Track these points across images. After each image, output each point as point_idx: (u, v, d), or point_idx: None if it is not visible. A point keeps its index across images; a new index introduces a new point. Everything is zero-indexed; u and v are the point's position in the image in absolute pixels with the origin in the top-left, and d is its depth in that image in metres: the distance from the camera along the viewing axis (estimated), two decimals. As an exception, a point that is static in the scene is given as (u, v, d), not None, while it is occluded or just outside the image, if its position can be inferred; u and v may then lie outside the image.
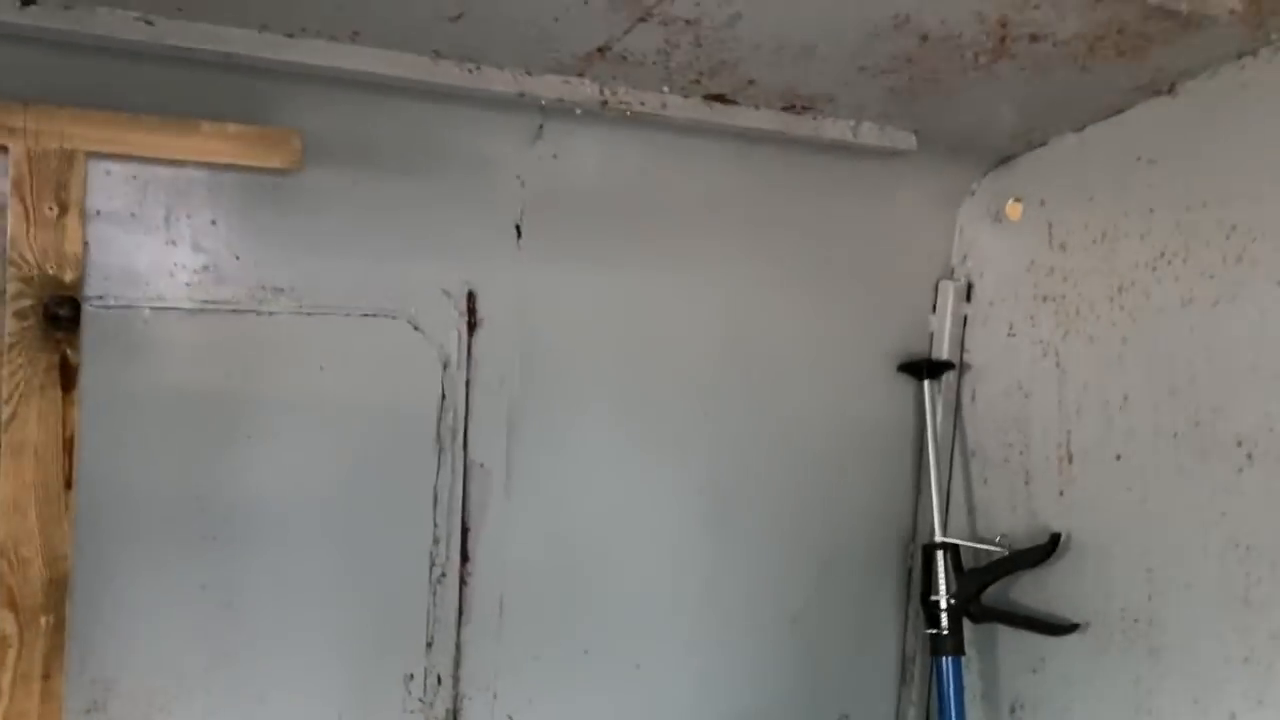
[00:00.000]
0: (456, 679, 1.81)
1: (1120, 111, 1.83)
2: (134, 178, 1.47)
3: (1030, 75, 1.65)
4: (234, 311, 1.58)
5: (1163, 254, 1.80)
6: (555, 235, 1.79)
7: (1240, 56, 1.63)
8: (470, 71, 1.52)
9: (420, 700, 1.78)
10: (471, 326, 1.76)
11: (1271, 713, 1.59)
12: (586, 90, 1.60)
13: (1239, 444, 1.66)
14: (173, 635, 1.59)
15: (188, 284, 1.54)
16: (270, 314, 1.61)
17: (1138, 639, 1.82)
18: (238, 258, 1.57)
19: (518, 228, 1.77)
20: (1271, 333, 1.62)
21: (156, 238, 1.51)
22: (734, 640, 2.06)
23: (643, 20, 1.40)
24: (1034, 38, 1.52)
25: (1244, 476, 1.65)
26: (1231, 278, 1.68)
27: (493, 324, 1.77)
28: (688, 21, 1.42)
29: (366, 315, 1.68)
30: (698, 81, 1.63)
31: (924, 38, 1.51)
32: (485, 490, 1.80)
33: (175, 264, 1.53)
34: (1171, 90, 1.74)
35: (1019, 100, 1.80)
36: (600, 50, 1.50)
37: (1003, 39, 1.52)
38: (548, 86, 1.58)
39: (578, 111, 1.63)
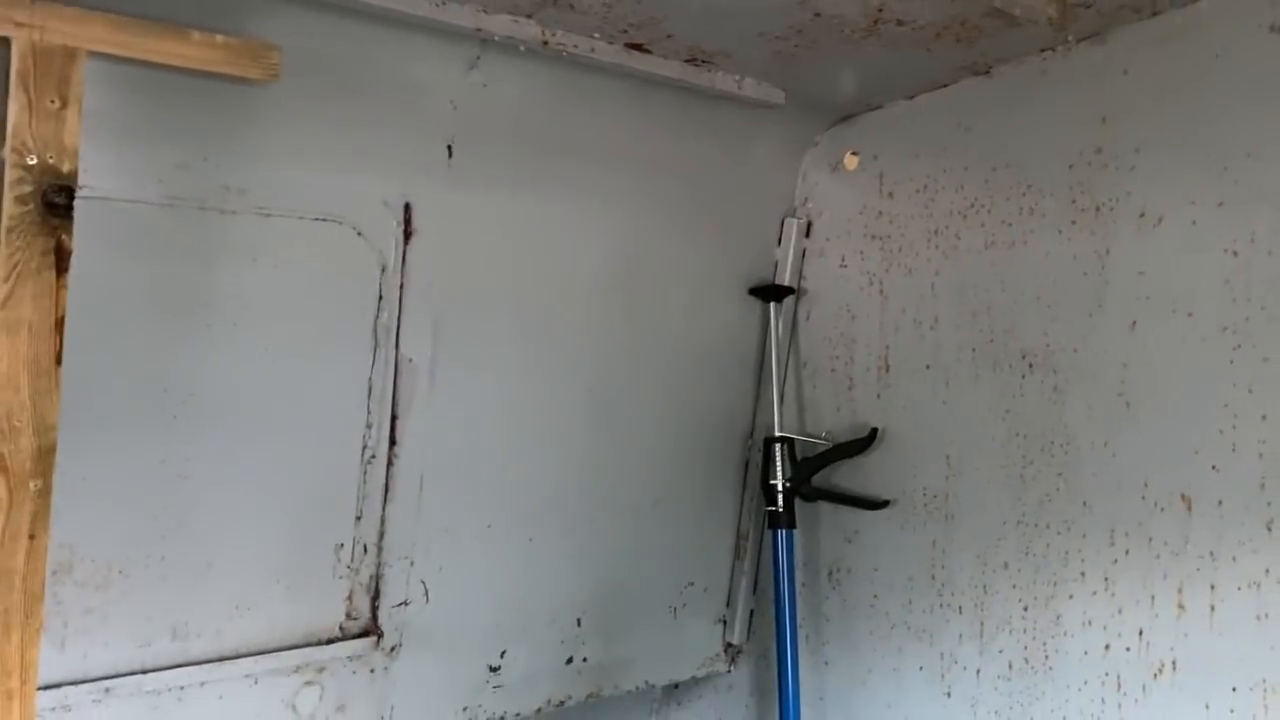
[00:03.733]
0: (380, 549, 2.03)
1: (945, 86, 2.24)
2: (119, 78, 1.57)
3: (887, 51, 2.02)
4: (200, 209, 1.71)
5: (972, 205, 2.23)
6: (481, 158, 2.00)
7: (1043, 50, 2.06)
8: (438, 5, 1.71)
9: (348, 567, 1.99)
10: (407, 235, 1.95)
11: (1036, 559, 2.10)
12: (532, 30, 1.82)
13: (1023, 357, 2.13)
14: (133, 506, 1.73)
15: (160, 180, 1.65)
16: (232, 213, 1.74)
17: (936, 511, 2.29)
18: (205, 159, 1.69)
19: (449, 148, 1.97)
20: (1052, 271, 2.09)
21: (135, 135, 1.61)
22: (608, 519, 2.38)
23: (601, -22, 1.65)
24: (899, 22, 1.88)
25: (1025, 382, 2.13)
26: (1024, 226, 2.14)
27: (425, 234, 1.96)
28: (637, -18, 1.67)
29: (317, 219, 1.84)
30: (625, 31, 1.88)
31: (817, 14, 1.83)
32: (413, 383, 2.01)
33: (149, 161, 1.64)
34: (988, 72, 2.16)
35: (869, 70, 2.17)
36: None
37: (875, 21, 1.87)
38: (500, 25, 1.78)
39: (521, 48, 1.84)
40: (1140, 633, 1.94)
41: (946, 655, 2.26)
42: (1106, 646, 1.99)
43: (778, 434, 2.48)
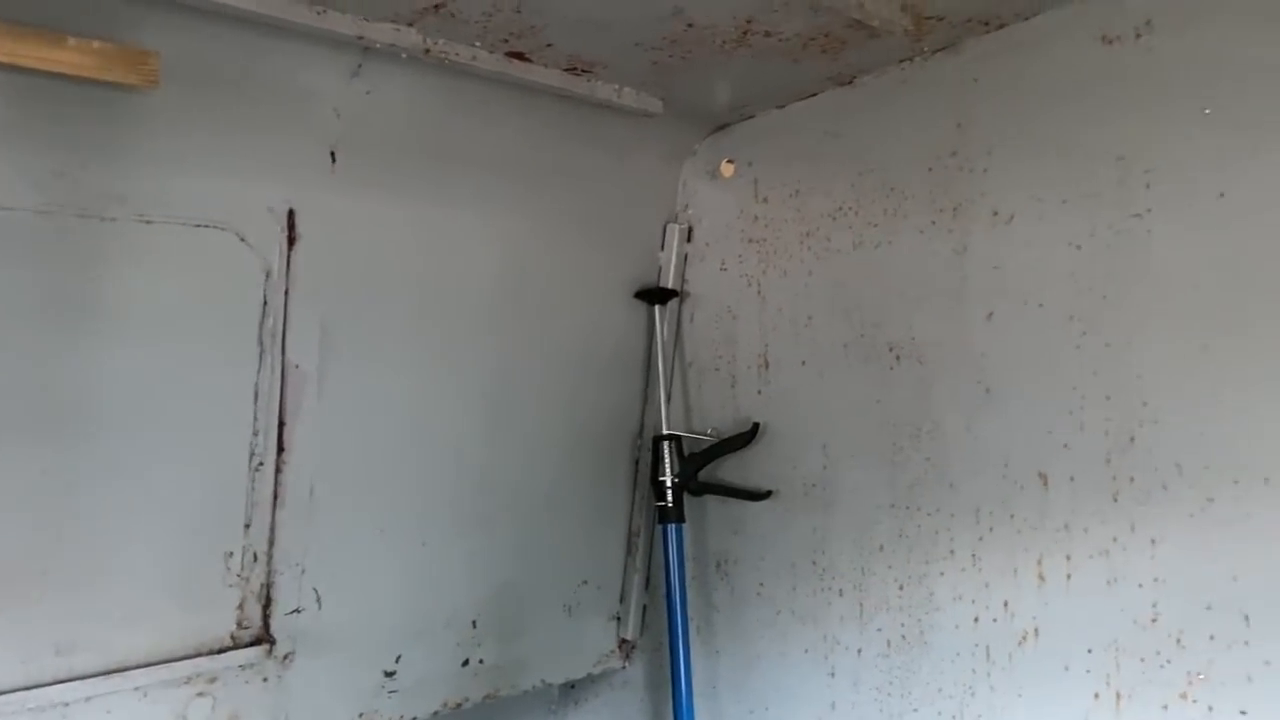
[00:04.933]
0: (270, 556, 2.02)
1: (813, 95, 2.36)
2: (-7, 84, 1.55)
3: (757, 62, 2.12)
4: (79, 216, 1.69)
5: (840, 208, 2.35)
6: (366, 164, 2.03)
7: (901, 61, 2.20)
8: (319, 13, 1.73)
9: (239, 575, 1.98)
10: (291, 241, 1.96)
11: (909, 540, 2.22)
12: (413, 39, 1.86)
13: (890, 349, 2.26)
14: (13, 517, 1.69)
15: (37, 187, 1.64)
16: (112, 220, 1.73)
17: (815, 499, 2.40)
18: (84, 166, 1.68)
19: (332, 154, 1.99)
20: (915, 268, 2.21)
21: (9, 142, 1.59)
22: (502, 521, 2.41)
23: (481, -12, 1.70)
24: (767, 34, 1.98)
25: (893, 373, 2.25)
26: (889, 227, 2.27)
27: (310, 240, 1.98)
28: (517, -8, 1.73)
29: (199, 226, 1.84)
30: (506, 40, 1.93)
31: (690, 25, 1.92)
32: (300, 389, 2.01)
33: (25, 168, 1.62)
34: (852, 82, 2.29)
35: (741, 80, 2.27)
36: (436, 7, 1.77)
37: (745, 32, 1.97)
38: (381, 33, 1.82)
39: (403, 55, 1.88)
40: (1005, 604, 2.08)
41: (829, 637, 2.36)
42: (975, 619, 2.12)
43: (666, 432, 2.56)
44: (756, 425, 2.49)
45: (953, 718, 2.15)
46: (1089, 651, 1.95)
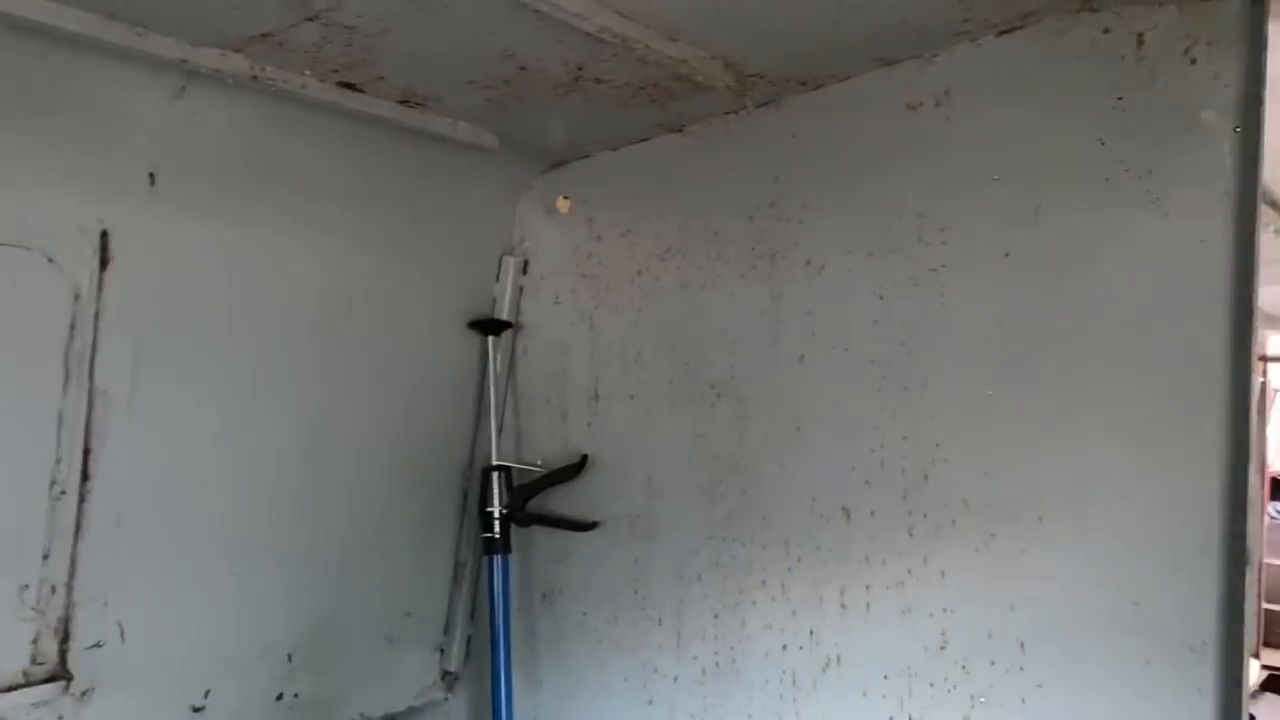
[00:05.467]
0: (70, 589, 1.94)
1: (645, 140, 2.45)
2: None
3: (590, 106, 2.19)
4: None
5: (669, 249, 2.44)
6: (188, 187, 1.99)
7: (727, 113, 2.30)
8: (139, 35, 1.70)
9: (34, 609, 1.90)
10: (104, 262, 1.90)
11: (724, 570, 2.30)
12: (240, 65, 1.84)
13: (712, 387, 2.35)
14: None
15: None
16: (-97, 235, 1.64)
17: (638, 530, 2.46)
18: (-127, 178, 1.60)
19: (152, 176, 1.94)
20: (735, 311, 2.32)
21: None
22: (323, 552, 2.38)
23: (310, 19, 1.70)
24: (598, 80, 2.05)
25: (714, 409, 2.35)
26: (713, 270, 2.37)
27: (124, 262, 1.92)
28: (347, 26, 1.74)
29: (2, 245, 1.76)
30: (337, 71, 1.94)
31: (522, 68, 1.97)
32: (108, 415, 1.95)
33: None
34: (681, 130, 2.38)
35: (576, 122, 2.33)
36: (264, 36, 1.76)
37: (577, 78, 2.03)
38: (206, 57, 1.79)
39: (229, 81, 1.86)
40: (811, 632, 2.18)
41: (647, 664, 2.42)
42: (784, 646, 2.22)
43: (495, 463, 2.58)
44: (585, 457, 2.54)
45: (762, 742, 2.24)
46: (885, 677, 2.08)
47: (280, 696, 2.31)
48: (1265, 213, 3.13)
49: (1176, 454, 1.78)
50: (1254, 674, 7.37)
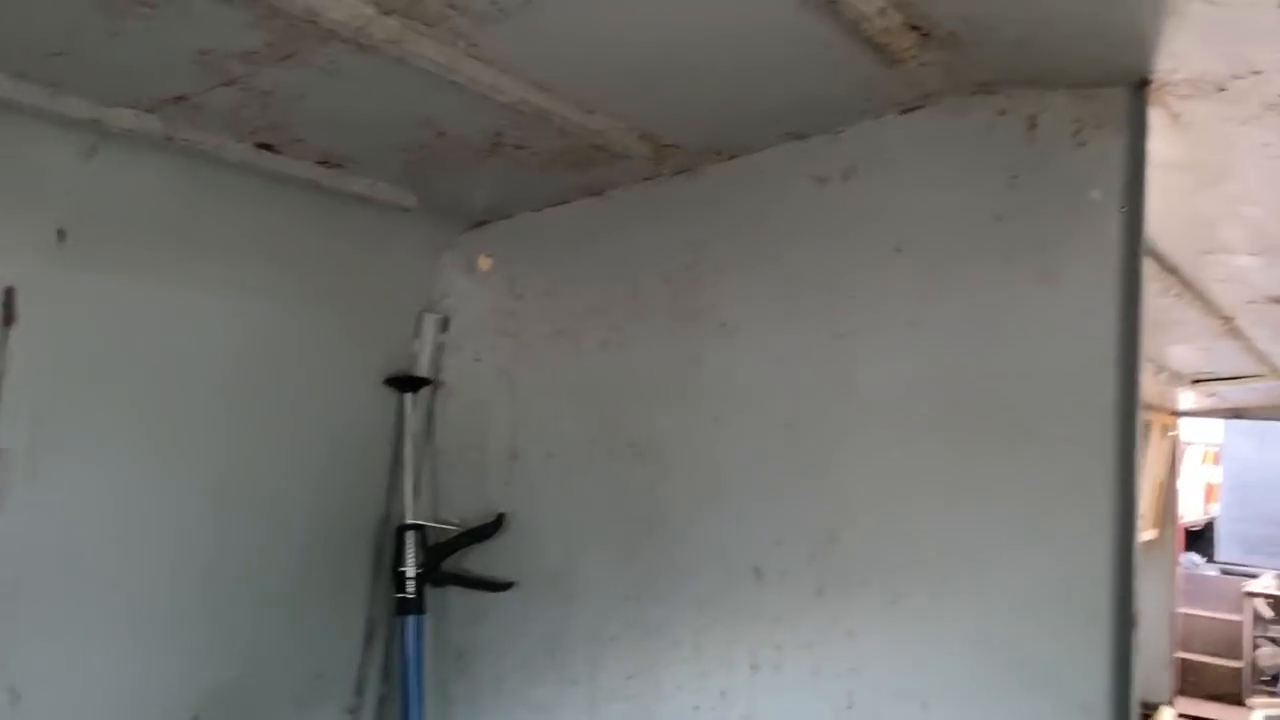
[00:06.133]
0: (-37, 654, 1.88)
1: (567, 202, 2.49)
2: None
3: (509, 170, 2.22)
4: None
5: (590, 309, 2.47)
6: (99, 246, 1.96)
7: (646, 180, 2.36)
8: (50, 95, 1.69)
9: (-79, 679, 1.83)
10: (8, 320, 1.87)
11: (640, 631, 2.31)
12: (154, 125, 1.84)
13: (630, 446, 2.38)
14: None
15: None
16: None
17: (556, 590, 2.46)
18: None
19: (61, 233, 1.92)
20: (654, 371, 2.36)
21: None
22: (229, 615, 2.33)
23: (226, 84, 1.72)
24: (518, 147, 2.09)
25: (632, 469, 2.37)
26: (633, 329, 2.40)
27: (30, 320, 1.89)
28: (264, 91, 1.75)
29: (-99, 301, 1.73)
30: (254, 133, 1.95)
31: (441, 134, 2.00)
32: (7, 475, 1.90)
33: None
34: (602, 194, 2.43)
35: (497, 184, 2.37)
36: (178, 99, 1.77)
37: (496, 145, 2.07)
38: (119, 118, 1.79)
39: (142, 141, 1.86)
40: (722, 693, 2.20)
41: (562, 727, 2.42)
42: (696, 708, 2.23)
43: (410, 521, 2.57)
44: (502, 516, 2.54)
45: (674, 805, 2.24)
46: (794, 738, 2.10)
47: (183, 764, 2.25)
48: (1165, 278, 3.29)
49: (1068, 517, 1.85)
50: (1168, 722, 7.53)
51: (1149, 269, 3.00)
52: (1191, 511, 10.29)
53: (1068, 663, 1.84)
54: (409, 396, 2.63)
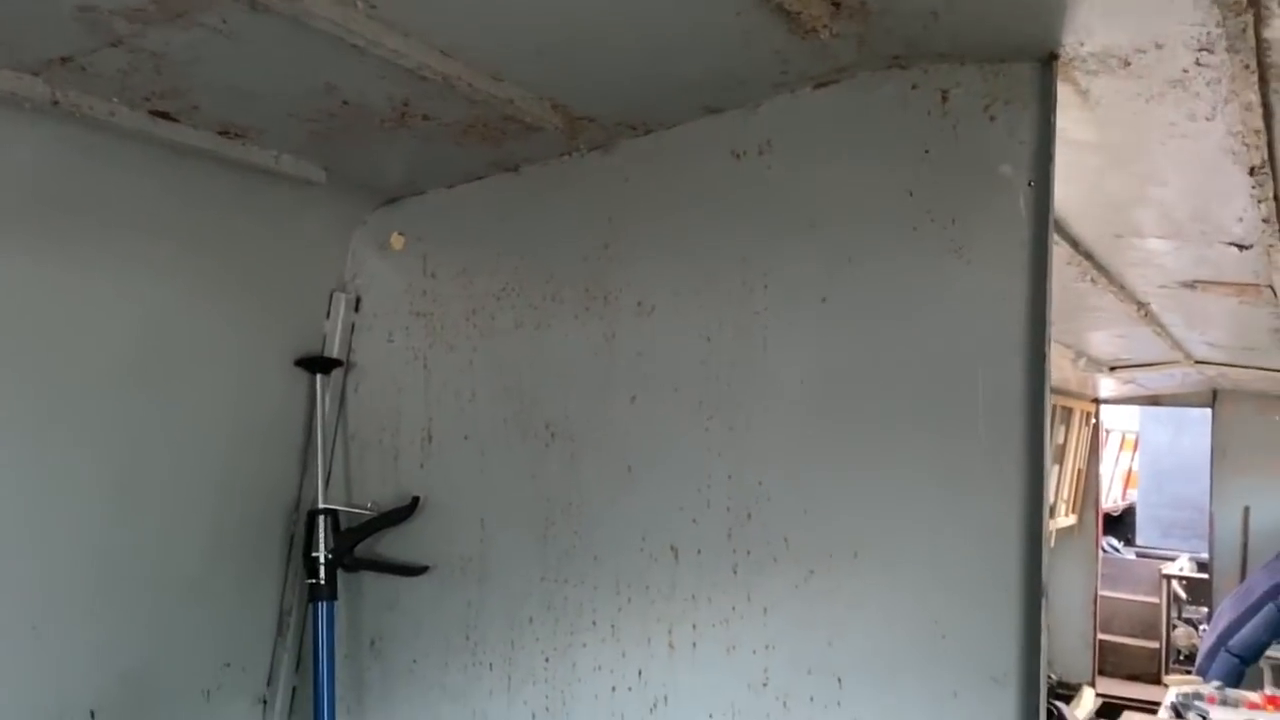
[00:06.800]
0: None
1: (481, 178, 2.44)
2: None
3: (420, 143, 2.17)
4: None
5: (505, 288, 2.43)
6: (-18, 217, 1.88)
7: (561, 155, 2.32)
8: (-78, 53, 1.60)
9: None
10: (-118, 296, 1.77)
11: (556, 612, 2.28)
12: (39, 89, 1.75)
13: (546, 426, 2.34)
14: None
15: None
16: None
17: (471, 573, 2.42)
18: None
19: (-60, 204, 1.83)
20: (570, 351, 2.32)
21: None
22: (133, 605, 2.25)
23: (114, 45, 1.64)
24: (425, 117, 2.03)
25: (548, 450, 2.33)
26: (548, 310, 2.36)
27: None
28: (154, 53, 1.68)
29: None
30: (148, 99, 1.87)
31: (345, 102, 1.94)
32: (-117, 457, 1.81)
33: None
34: (517, 169, 2.38)
35: (408, 158, 2.31)
36: (64, 59, 1.68)
37: (403, 114, 2.01)
38: (1, 79, 1.70)
39: (26, 105, 1.77)
40: (640, 672, 2.18)
41: (478, 712, 2.37)
42: (613, 688, 2.21)
43: (321, 506, 2.50)
44: (416, 499, 2.49)
45: (591, 787, 2.21)
46: (710, 716, 2.08)
47: (81, 759, 2.17)
48: (1081, 262, 3.34)
49: (979, 492, 1.86)
50: (1089, 702, 7.72)
51: (1064, 253, 3.06)
52: (1112, 497, 10.57)
53: (978, 635, 1.85)
54: (320, 378, 2.56)
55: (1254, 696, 5.12)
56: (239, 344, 2.41)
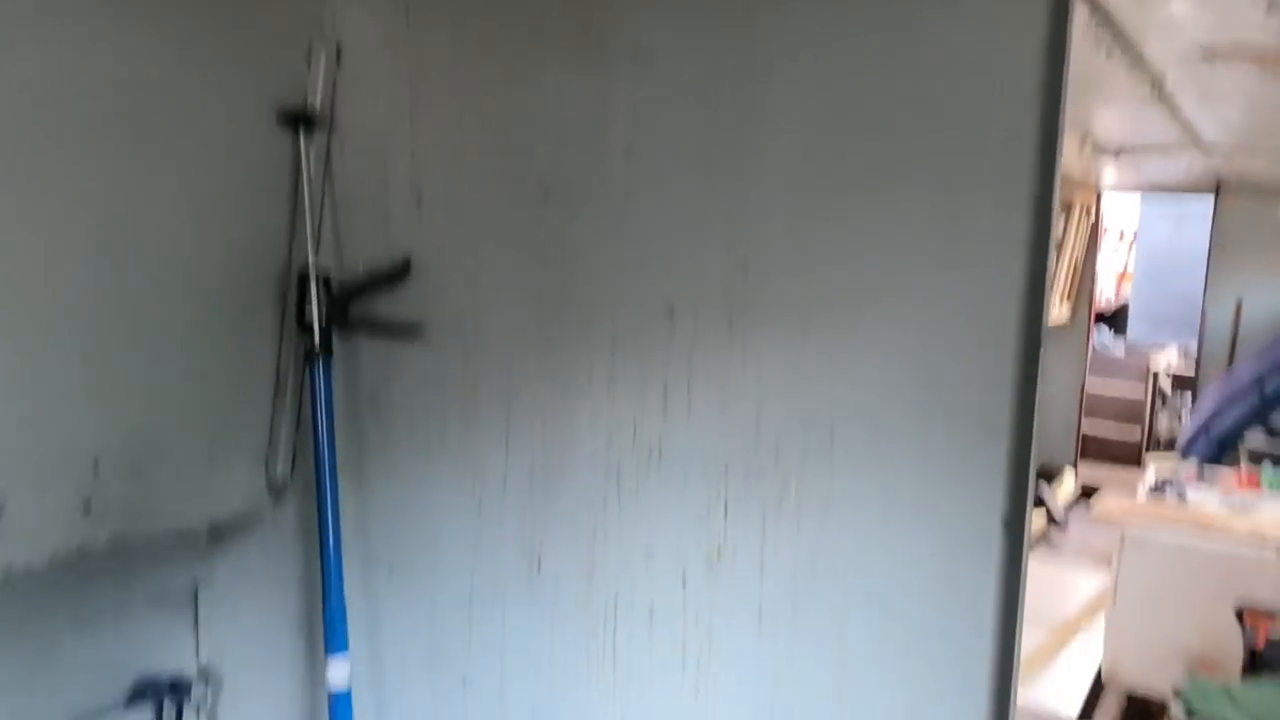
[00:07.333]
0: None
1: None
2: None
3: None
4: None
5: (490, 39, 2.28)
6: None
7: (552, -114, 2.14)
8: None
9: None
10: None
11: (553, 373, 2.28)
12: None
13: (539, 184, 2.26)
14: None
15: None
16: None
17: (466, 335, 2.40)
18: None
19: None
20: (562, 102, 2.21)
21: None
22: (127, 360, 2.23)
23: None
24: None
25: (543, 208, 2.26)
26: (537, 59, 2.23)
27: None
28: None
29: None
30: None
31: None
32: None
33: None
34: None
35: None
36: None
37: None
38: None
39: None
40: (634, 429, 2.20)
41: (477, 470, 2.41)
42: (608, 444, 2.23)
43: (313, 268, 2.46)
44: (408, 260, 2.44)
45: (590, 530, 2.27)
46: (705, 466, 2.12)
47: (88, 504, 2.21)
48: (1097, 30, 3.18)
49: (983, 244, 1.81)
50: (1070, 483, 7.99)
51: (1081, 16, 2.90)
52: (1106, 294, 10.60)
53: (974, 388, 1.84)
54: (304, 137, 2.46)
55: (1231, 476, 5.28)
56: (219, 99, 2.30)
